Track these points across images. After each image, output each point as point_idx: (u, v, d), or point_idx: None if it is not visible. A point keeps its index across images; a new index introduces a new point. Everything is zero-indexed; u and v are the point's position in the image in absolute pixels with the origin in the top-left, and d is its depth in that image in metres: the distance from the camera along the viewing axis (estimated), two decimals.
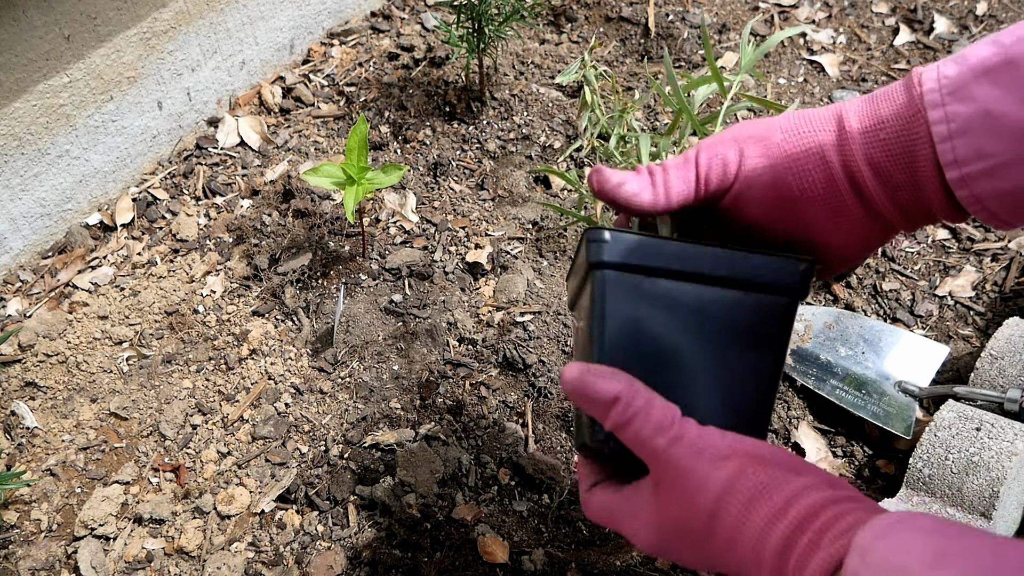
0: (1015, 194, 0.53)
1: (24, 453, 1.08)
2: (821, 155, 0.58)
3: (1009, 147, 0.51)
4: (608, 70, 1.54)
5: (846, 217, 0.59)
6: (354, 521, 1.02)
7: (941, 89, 0.53)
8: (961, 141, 0.53)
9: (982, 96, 0.52)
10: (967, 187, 0.53)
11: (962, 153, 0.53)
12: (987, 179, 0.53)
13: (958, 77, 0.53)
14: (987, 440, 0.98)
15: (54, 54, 1.13)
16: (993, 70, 0.52)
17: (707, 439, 0.53)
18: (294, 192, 1.32)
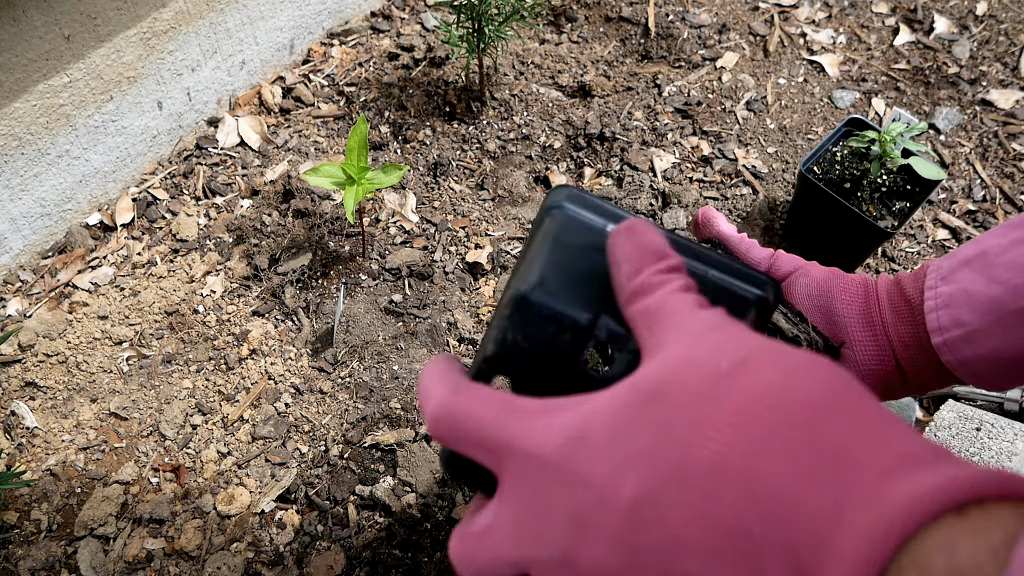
0: (990, 358, 0.65)
1: (24, 453, 1.08)
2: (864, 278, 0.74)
3: (980, 317, 0.64)
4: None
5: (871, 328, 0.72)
6: (354, 521, 1.02)
7: (938, 276, 0.68)
8: (944, 312, 0.66)
9: (962, 279, 0.66)
10: (949, 352, 0.66)
11: (944, 321, 0.66)
12: (965, 344, 0.65)
13: (948, 268, 0.68)
14: (987, 440, 0.98)
15: (54, 54, 1.13)
16: (971, 260, 0.66)
17: None
18: (294, 192, 1.32)
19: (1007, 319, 0.64)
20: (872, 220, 1.16)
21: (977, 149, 1.45)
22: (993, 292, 0.64)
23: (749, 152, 1.42)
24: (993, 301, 0.64)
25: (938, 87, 1.53)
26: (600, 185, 1.36)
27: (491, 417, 0.37)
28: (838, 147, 1.25)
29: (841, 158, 1.23)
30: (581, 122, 1.43)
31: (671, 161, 1.39)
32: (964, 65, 1.56)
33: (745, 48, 1.59)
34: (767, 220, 1.33)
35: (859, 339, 0.72)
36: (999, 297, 0.64)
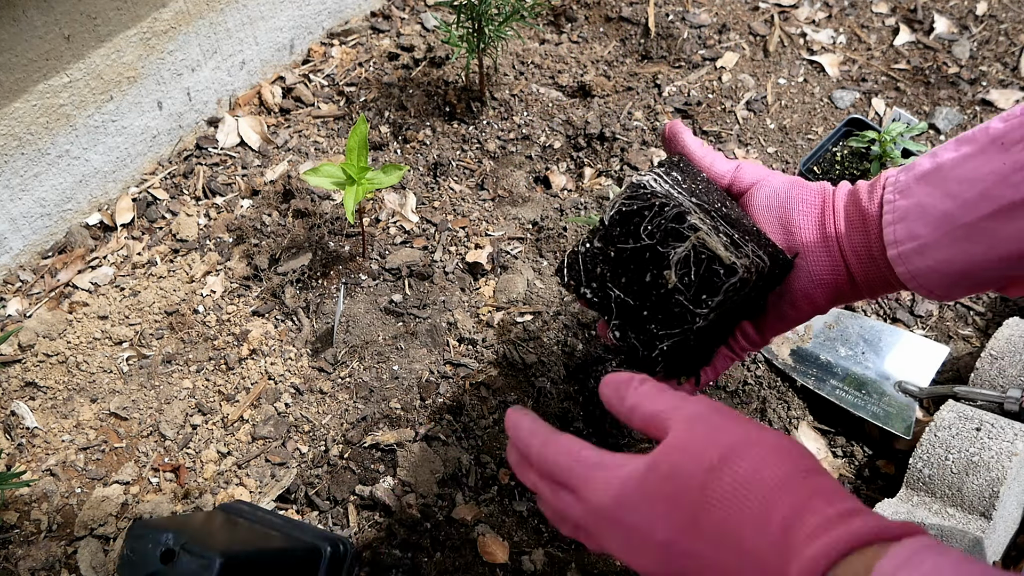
0: (938, 270, 0.68)
1: (24, 453, 1.08)
2: (823, 189, 0.77)
3: (932, 230, 0.67)
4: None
5: (825, 240, 0.75)
6: (354, 521, 1.02)
7: (895, 190, 0.71)
8: (900, 225, 0.69)
9: (918, 192, 0.69)
10: (903, 263, 0.69)
11: (900, 234, 0.69)
12: (917, 256, 0.68)
13: (905, 182, 0.70)
14: (987, 440, 0.98)
15: (54, 54, 1.13)
16: (927, 174, 0.69)
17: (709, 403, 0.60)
18: (294, 192, 1.32)
19: (956, 232, 0.66)
20: None
21: None
22: (945, 206, 0.67)
23: (749, 152, 1.42)
24: (945, 215, 0.67)
25: (938, 87, 1.53)
26: (600, 185, 1.36)
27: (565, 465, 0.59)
28: (838, 147, 1.25)
29: (841, 158, 1.23)
30: (581, 122, 1.43)
31: None
32: (964, 65, 1.56)
33: (745, 48, 1.59)
34: None
35: (813, 249, 0.75)
36: (950, 211, 0.66)
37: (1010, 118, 0.66)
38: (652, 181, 0.71)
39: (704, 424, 0.56)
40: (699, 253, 0.68)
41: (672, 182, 0.73)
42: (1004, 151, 0.64)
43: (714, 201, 0.74)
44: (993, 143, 0.65)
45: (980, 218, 0.65)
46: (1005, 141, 0.64)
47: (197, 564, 0.74)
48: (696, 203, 0.71)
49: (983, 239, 0.65)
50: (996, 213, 0.64)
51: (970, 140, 0.68)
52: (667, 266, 0.70)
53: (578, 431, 1.10)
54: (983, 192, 0.65)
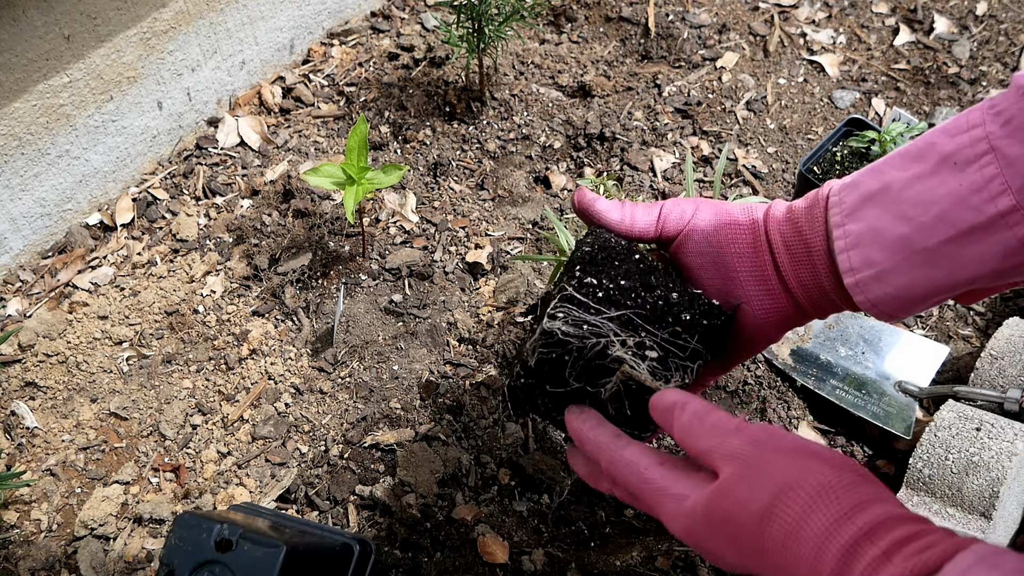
0: (899, 296, 0.65)
1: (24, 453, 1.08)
2: (754, 222, 0.73)
3: (890, 256, 0.64)
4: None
5: (765, 283, 0.72)
6: (354, 521, 1.02)
7: (842, 212, 0.67)
8: (855, 252, 0.65)
9: (868, 215, 0.65)
10: (861, 292, 0.66)
11: (856, 262, 0.65)
12: (876, 283, 0.65)
13: (851, 204, 0.66)
14: (987, 440, 0.98)
15: (54, 54, 1.13)
16: (874, 195, 0.65)
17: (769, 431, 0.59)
18: (294, 192, 1.32)
19: (915, 257, 0.63)
20: None
21: None
22: (901, 230, 0.63)
23: (749, 152, 1.42)
24: (901, 239, 0.63)
25: (938, 87, 1.53)
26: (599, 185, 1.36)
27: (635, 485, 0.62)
28: (838, 147, 1.25)
29: (841, 158, 1.23)
30: (581, 122, 1.43)
31: (671, 161, 1.39)
32: (964, 65, 1.56)
33: (745, 48, 1.59)
34: None
35: (753, 294, 0.72)
36: (907, 235, 0.63)
37: (956, 133, 0.62)
38: (562, 326, 0.66)
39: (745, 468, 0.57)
40: (628, 386, 0.66)
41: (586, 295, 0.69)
42: (958, 171, 0.61)
43: (637, 293, 0.70)
44: (944, 162, 0.62)
45: (940, 242, 0.62)
46: (958, 161, 0.61)
47: (261, 552, 0.76)
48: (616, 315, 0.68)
49: (944, 263, 0.63)
50: (957, 237, 0.61)
51: (918, 158, 0.64)
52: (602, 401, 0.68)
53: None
54: (940, 215, 0.62)
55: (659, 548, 1.00)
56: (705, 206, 0.75)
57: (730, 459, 0.58)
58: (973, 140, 0.60)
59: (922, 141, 0.64)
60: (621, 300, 0.69)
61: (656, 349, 0.67)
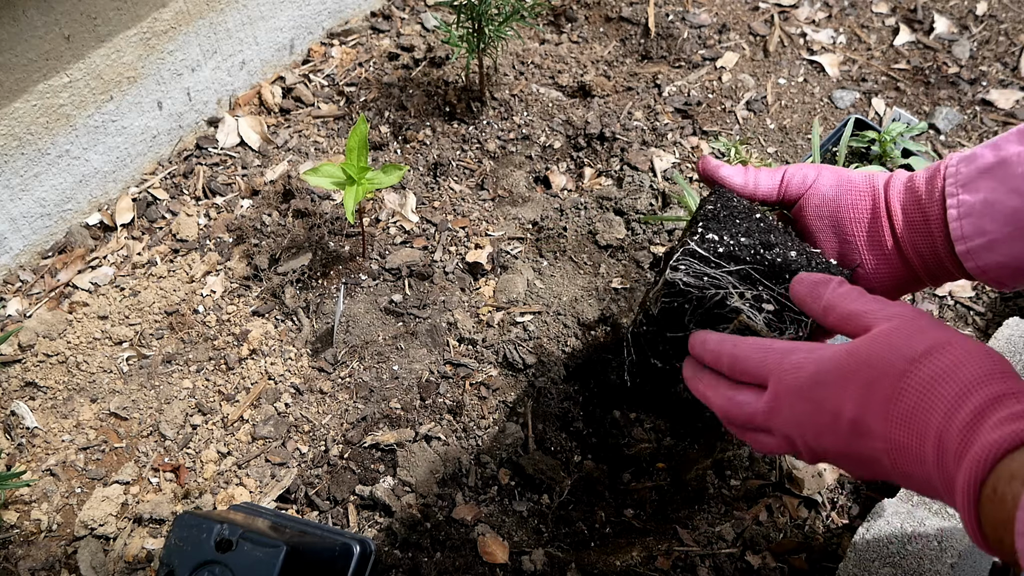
0: (1009, 264, 0.68)
1: (24, 453, 1.08)
2: (873, 188, 0.76)
3: (1001, 227, 0.67)
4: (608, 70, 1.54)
5: (881, 249, 0.76)
6: (354, 521, 1.02)
7: (957, 183, 0.70)
8: (967, 221, 0.69)
9: (983, 187, 0.69)
10: (972, 259, 0.69)
11: (968, 230, 0.69)
12: (986, 252, 0.68)
13: (967, 175, 0.70)
14: None
15: (54, 54, 1.13)
16: (991, 168, 0.68)
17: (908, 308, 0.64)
18: (294, 192, 1.32)
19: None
20: None
21: None
22: (1014, 203, 0.66)
23: (749, 152, 1.42)
24: (1014, 212, 0.66)
25: (938, 87, 1.53)
26: (600, 185, 1.36)
27: (758, 358, 0.65)
28: (838, 147, 1.25)
29: (841, 158, 1.23)
30: (581, 122, 1.43)
31: (671, 161, 1.39)
32: (964, 65, 1.56)
33: (745, 48, 1.59)
34: None
35: (869, 259, 0.76)
36: (1019, 208, 0.66)
37: None
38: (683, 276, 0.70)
39: (909, 323, 0.60)
40: (744, 335, 0.69)
41: (708, 250, 0.72)
42: None
43: (756, 250, 0.73)
44: None
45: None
46: None
47: (261, 552, 0.76)
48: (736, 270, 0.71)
49: None
50: None
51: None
52: None
53: (578, 431, 1.10)
54: None
55: (659, 548, 1.00)
56: (828, 172, 0.78)
57: (893, 317, 0.61)
58: None
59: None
60: (740, 255, 0.73)
61: (772, 303, 0.71)
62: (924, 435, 0.55)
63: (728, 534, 1.02)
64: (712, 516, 1.05)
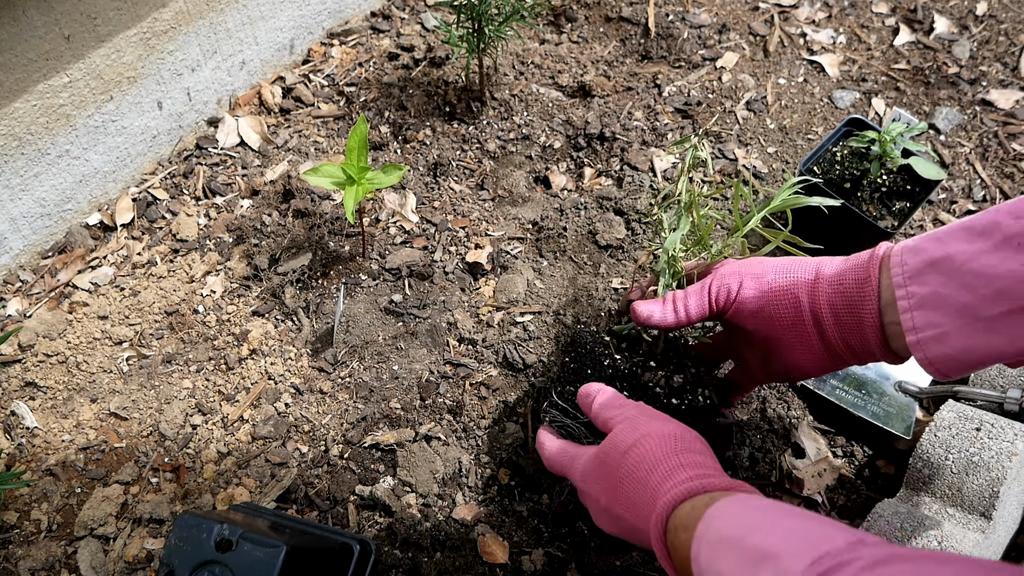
0: (956, 358, 0.71)
1: (24, 453, 1.08)
2: (796, 297, 0.82)
3: (953, 320, 0.70)
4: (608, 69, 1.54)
5: (808, 345, 0.83)
6: (354, 521, 1.02)
7: (904, 275, 0.73)
8: (919, 313, 0.72)
9: (931, 281, 0.71)
10: (922, 350, 0.72)
11: (919, 322, 0.72)
12: (936, 343, 0.71)
13: (914, 267, 0.73)
14: (987, 440, 0.98)
15: (54, 54, 1.13)
16: (937, 262, 0.71)
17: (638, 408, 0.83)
18: (294, 192, 1.32)
19: (976, 324, 0.69)
20: (872, 220, 1.16)
21: (977, 149, 1.45)
22: (964, 299, 0.69)
23: (749, 152, 1.42)
24: (964, 307, 0.69)
25: (938, 87, 1.53)
26: (600, 185, 1.36)
27: (562, 462, 0.88)
28: (838, 147, 1.25)
29: (841, 158, 1.23)
30: (581, 122, 1.43)
31: (671, 161, 1.39)
32: (964, 65, 1.56)
33: (745, 48, 1.59)
34: (767, 220, 1.33)
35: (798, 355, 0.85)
36: (970, 304, 0.69)
37: (1020, 216, 0.68)
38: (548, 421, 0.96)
39: (629, 423, 0.79)
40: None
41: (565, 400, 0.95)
42: (1020, 251, 0.67)
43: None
44: (1008, 242, 0.68)
45: (1001, 313, 0.67)
46: (1022, 242, 0.67)
47: (261, 552, 0.76)
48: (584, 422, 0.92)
49: (1004, 332, 0.68)
50: (1017, 311, 0.67)
51: (982, 234, 0.69)
52: None
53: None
54: (1002, 290, 0.67)
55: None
56: (749, 281, 0.85)
57: (623, 420, 0.80)
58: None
59: (986, 218, 0.70)
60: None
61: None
62: (635, 507, 0.73)
63: None
64: None
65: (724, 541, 0.59)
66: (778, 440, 1.11)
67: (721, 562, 0.58)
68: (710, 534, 0.61)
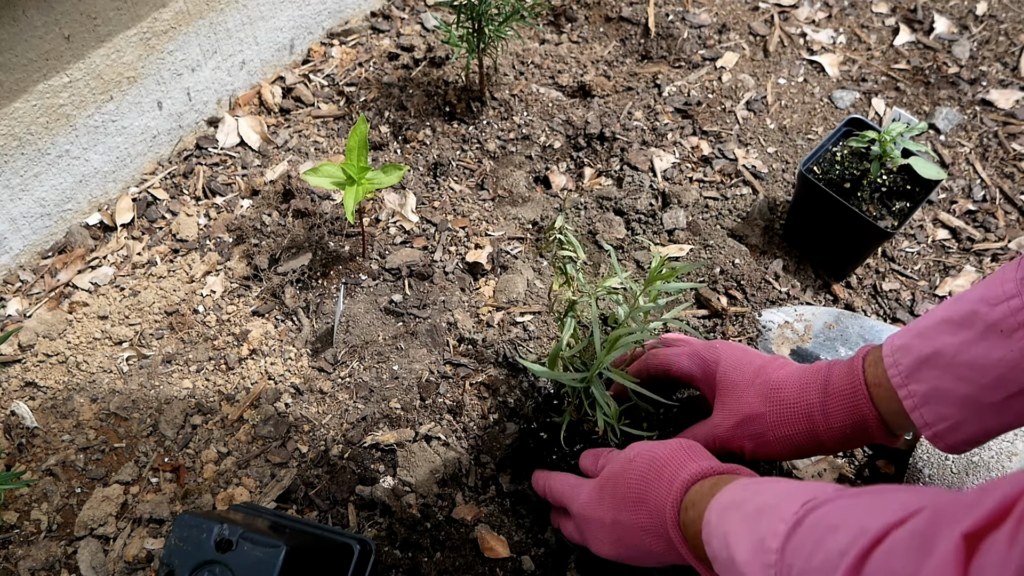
0: (975, 439, 0.74)
1: (24, 453, 1.08)
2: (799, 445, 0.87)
3: (959, 411, 0.72)
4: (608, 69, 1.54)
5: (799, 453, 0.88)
6: (354, 521, 1.02)
7: (900, 374, 0.76)
8: (926, 409, 0.74)
9: (927, 377, 0.74)
10: (941, 440, 0.75)
11: (929, 418, 0.75)
12: (952, 432, 0.74)
13: (908, 365, 0.75)
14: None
15: (54, 54, 1.13)
16: (929, 358, 0.73)
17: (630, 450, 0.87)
18: (294, 192, 1.32)
19: (984, 410, 0.71)
20: (872, 220, 1.16)
21: (977, 149, 1.45)
22: (964, 390, 0.71)
23: (749, 152, 1.42)
24: (967, 397, 0.72)
25: (938, 87, 1.53)
26: (600, 185, 1.36)
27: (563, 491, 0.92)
28: (838, 147, 1.25)
29: (841, 158, 1.23)
30: (581, 122, 1.43)
31: (671, 161, 1.39)
32: (964, 65, 1.56)
33: (745, 48, 1.59)
34: (767, 220, 1.33)
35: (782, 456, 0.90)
36: (972, 394, 0.71)
37: (996, 302, 0.69)
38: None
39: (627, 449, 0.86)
40: None
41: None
42: (1006, 338, 0.68)
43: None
44: (991, 330, 0.69)
45: (1005, 398, 0.69)
46: (1004, 328, 0.69)
47: (261, 552, 0.76)
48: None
49: (1012, 411, 0.71)
50: (1019, 392, 0.69)
51: (963, 324, 0.71)
52: None
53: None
54: (999, 377, 0.69)
55: None
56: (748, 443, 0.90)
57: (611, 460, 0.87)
58: (1013, 310, 0.68)
59: (964, 308, 0.72)
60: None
61: None
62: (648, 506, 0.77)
63: None
64: None
65: (730, 505, 0.66)
66: None
67: (728, 523, 0.64)
68: (718, 503, 0.68)
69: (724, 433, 0.90)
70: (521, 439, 1.07)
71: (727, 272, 1.25)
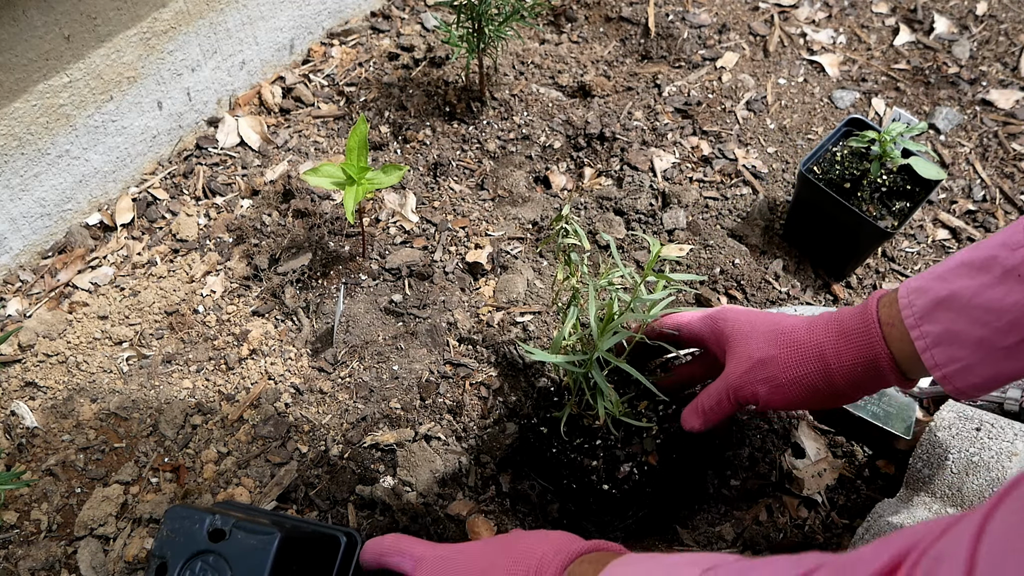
0: (984, 384, 0.75)
1: (24, 453, 1.08)
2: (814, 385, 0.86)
3: (972, 353, 0.73)
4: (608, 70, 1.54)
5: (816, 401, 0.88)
6: (354, 521, 1.02)
7: (914, 315, 0.76)
8: (938, 350, 0.75)
9: (942, 319, 0.74)
10: (950, 383, 0.75)
11: (940, 359, 0.75)
12: (963, 375, 0.75)
13: (922, 307, 0.76)
14: (987, 440, 0.98)
15: (54, 54, 1.13)
16: (944, 300, 0.74)
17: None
18: (294, 192, 1.32)
19: (996, 353, 0.72)
20: (872, 220, 1.16)
21: (977, 149, 1.45)
22: (978, 333, 0.72)
23: (749, 152, 1.42)
24: (981, 340, 0.72)
25: (938, 87, 1.53)
26: (600, 185, 1.36)
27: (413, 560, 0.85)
28: (838, 147, 1.25)
29: (841, 158, 1.23)
30: (581, 122, 1.43)
31: (671, 161, 1.39)
32: (964, 65, 1.56)
33: (745, 48, 1.59)
34: (767, 220, 1.33)
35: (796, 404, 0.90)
36: (986, 337, 0.72)
37: (1016, 247, 0.70)
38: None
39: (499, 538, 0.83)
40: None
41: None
42: (1022, 282, 0.70)
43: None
44: (1009, 275, 0.70)
45: (1017, 342, 0.71)
46: (1022, 273, 0.70)
47: (255, 540, 0.76)
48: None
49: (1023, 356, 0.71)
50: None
51: (982, 268, 0.72)
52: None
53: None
54: (1013, 321, 0.70)
55: (659, 547, 1.00)
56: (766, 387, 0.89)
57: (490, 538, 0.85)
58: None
59: (983, 252, 0.73)
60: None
61: None
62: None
63: (728, 534, 1.02)
64: (712, 516, 1.05)
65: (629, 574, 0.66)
66: (778, 440, 1.11)
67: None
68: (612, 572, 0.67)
69: (737, 380, 0.89)
70: (521, 435, 1.07)
71: (727, 272, 1.25)
